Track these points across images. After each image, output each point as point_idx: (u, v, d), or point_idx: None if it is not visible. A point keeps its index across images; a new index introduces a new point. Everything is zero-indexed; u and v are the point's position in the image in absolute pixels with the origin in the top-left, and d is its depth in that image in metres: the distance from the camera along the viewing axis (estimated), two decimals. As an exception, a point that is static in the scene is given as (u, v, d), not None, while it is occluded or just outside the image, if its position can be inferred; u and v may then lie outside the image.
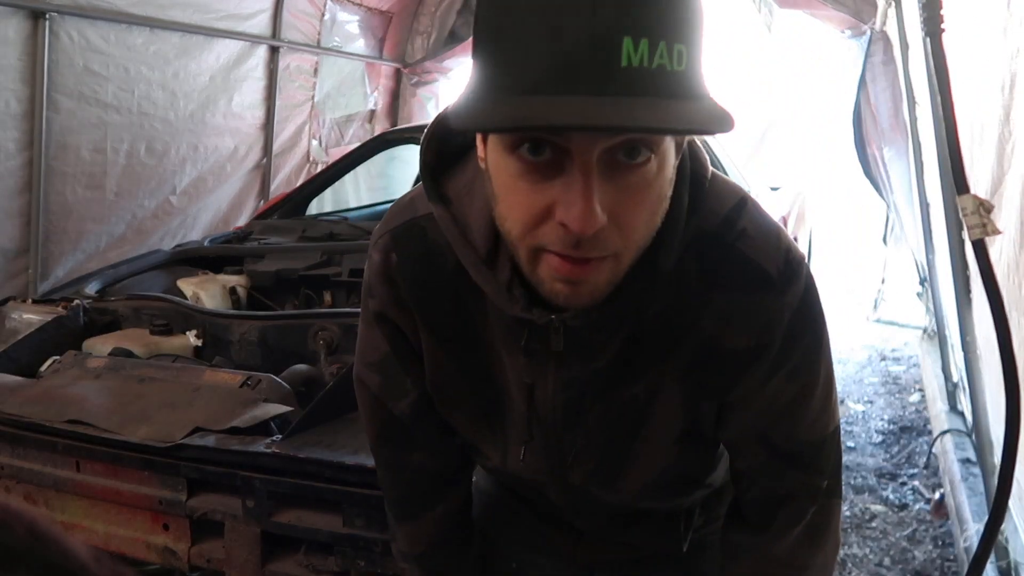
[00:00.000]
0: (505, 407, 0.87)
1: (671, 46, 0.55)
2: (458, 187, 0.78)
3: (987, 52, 1.79)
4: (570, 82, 0.55)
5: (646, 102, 0.55)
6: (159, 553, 1.68)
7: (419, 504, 1.01)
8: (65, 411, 1.71)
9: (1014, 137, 1.68)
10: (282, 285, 2.61)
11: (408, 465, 0.98)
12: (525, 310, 0.72)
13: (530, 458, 0.87)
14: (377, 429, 0.98)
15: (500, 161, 0.64)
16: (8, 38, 2.76)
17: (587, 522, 1.00)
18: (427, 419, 0.94)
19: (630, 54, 0.54)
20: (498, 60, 0.59)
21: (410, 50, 5.69)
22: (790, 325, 0.74)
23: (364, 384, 0.95)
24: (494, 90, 0.59)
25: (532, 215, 0.63)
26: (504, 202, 0.65)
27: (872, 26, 3.25)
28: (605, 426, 0.84)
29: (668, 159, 0.64)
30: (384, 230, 0.86)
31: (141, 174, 3.47)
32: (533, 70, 0.56)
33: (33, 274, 3.03)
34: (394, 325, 0.88)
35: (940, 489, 2.79)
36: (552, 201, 0.61)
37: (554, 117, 0.55)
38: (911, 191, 3.25)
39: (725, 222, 0.75)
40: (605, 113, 0.54)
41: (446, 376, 0.88)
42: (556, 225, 0.61)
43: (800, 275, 0.75)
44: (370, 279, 0.88)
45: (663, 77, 0.55)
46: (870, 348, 4.54)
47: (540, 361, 0.79)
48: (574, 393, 0.81)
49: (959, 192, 1.41)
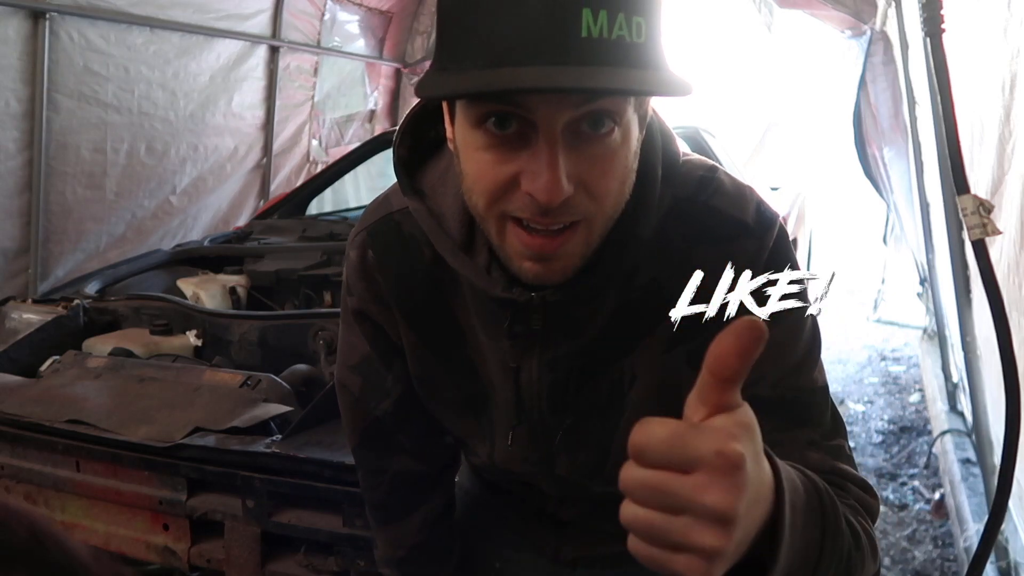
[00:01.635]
0: (489, 398, 0.87)
1: (630, 18, 0.57)
2: (432, 179, 0.79)
3: (987, 52, 1.79)
4: (531, 53, 0.56)
5: (605, 70, 0.57)
6: (159, 553, 1.68)
7: (400, 508, 1.00)
8: (65, 411, 1.71)
9: (1014, 137, 1.68)
10: (282, 285, 2.61)
11: (389, 468, 0.98)
12: (505, 290, 0.73)
13: (517, 446, 0.87)
14: (359, 433, 0.97)
15: (467, 137, 0.65)
16: (8, 38, 2.76)
17: (573, 512, 1.00)
18: (410, 419, 0.94)
19: (589, 25, 0.56)
20: (461, 35, 0.60)
21: (410, 50, 5.69)
22: (767, 264, 0.75)
23: (346, 387, 0.96)
24: (458, 64, 0.60)
25: (498, 185, 0.64)
26: (470, 175, 0.66)
27: (872, 26, 3.25)
28: (592, 409, 0.84)
29: (631, 131, 0.65)
30: (360, 228, 0.87)
31: (141, 174, 3.47)
32: (496, 43, 0.57)
33: (33, 274, 3.02)
34: (374, 323, 0.89)
35: (940, 489, 2.79)
36: (518, 171, 0.63)
37: (514, 82, 0.56)
38: (911, 191, 3.25)
39: (699, 184, 0.77)
40: (564, 78, 0.56)
41: (428, 370, 0.88)
42: (523, 195, 0.63)
43: (775, 223, 0.77)
44: (348, 277, 0.89)
45: (622, 48, 0.57)
46: (870, 348, 4.54)
47: (524, 343, 0.79)
48: (560, 374, 0.81)
49: (959, 192, 1.41)
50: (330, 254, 2.67)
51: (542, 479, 0.93)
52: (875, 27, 3.24)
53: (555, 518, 1.01)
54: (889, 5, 3.01)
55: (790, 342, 0.76)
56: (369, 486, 1.02)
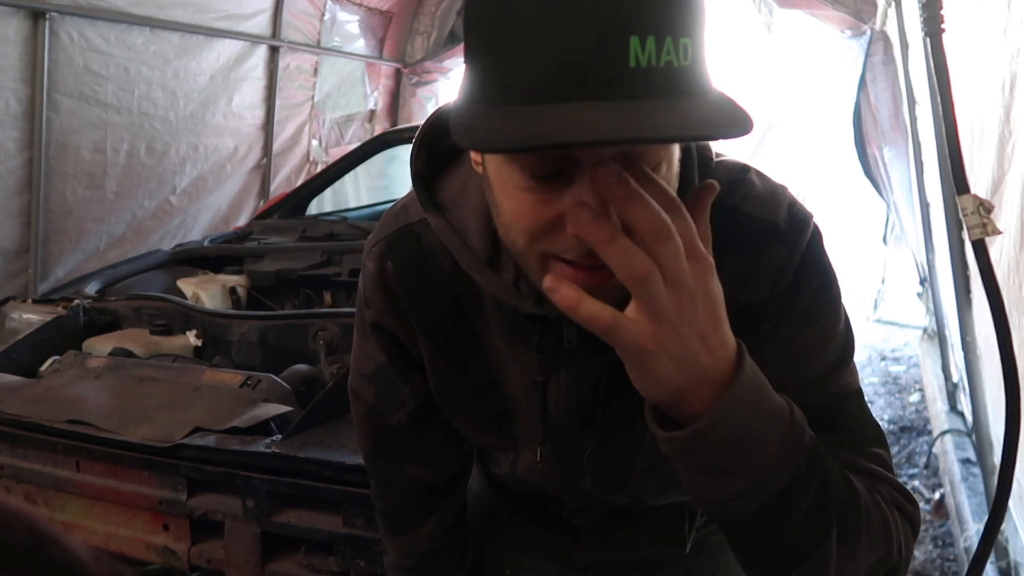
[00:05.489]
0: (511, 414, 0.85)
1: (677, 40, 0.52)
2: (452, 192, 0.76)
3: (987, 52, 1.79)
4: (576, 88, 0.51)
5: (658, 104, 0.52)
6: (159, 553, 1.68)
7: (413, 516, 0.99)
8: (65, 411, 1.71)
9: (1014, 137, 1.68)
10: (282, 285, 2.61)
11: (403, 477, 0.96)
12: (536, 305, 0.71)
13: (545, 462, 0.85)
14: (372, 441, 0.96)
15: (502, 171, 0.61)
16: (8, 38, 2.76)
17: (587, 519, 0.99)
18: (427, 429, 0.92)
19: (638, 53, 0.51)
20: (495, 65, 0.55)
21: (410, 50, 5.69)
22: (799, 268, 0.73)
23: (359, 396, 0.94)
24: (492, 99, 0.55)
25: (540, 226, 0.60)
26: (508, 213, 0.62)
27: (872, 26, 3.25)
28: (621, 423, 0.81)
29: (675, 155, 0.62)
30: (378, 238, 0.84)
31: (141, 174, 3.47)
32: (535, 76, 0.52)
33: (33, 274, 3.02)
34: (391, 335, 0.87)
35: (940, 489, 2.79)
36: (561, 211, 0.58)
37: (567, 133, 0.50)
38: (911, 191, 3.25)
39: (729, 187, 0.74)
40: (619, 123, 0.50)
41: (447, 383, 0.86)
42: (569, 235, 0.57)
43: (808, 225, 0.74)
44: (365, 289, 0.86)
45: (671, 74, 0.52)
46: (870, 348, 4.54)
47: (552, 357, 0.77)
48: (587, 389, 0.79)
49: (959, 192, 1.41)
50: (330, 254, 2.67)
51: (565, 493, 0.91)
52: (875, 27, 3.24)
53: (569, 525, 1.00)
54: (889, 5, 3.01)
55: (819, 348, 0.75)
56: (381, 494, 1.00)
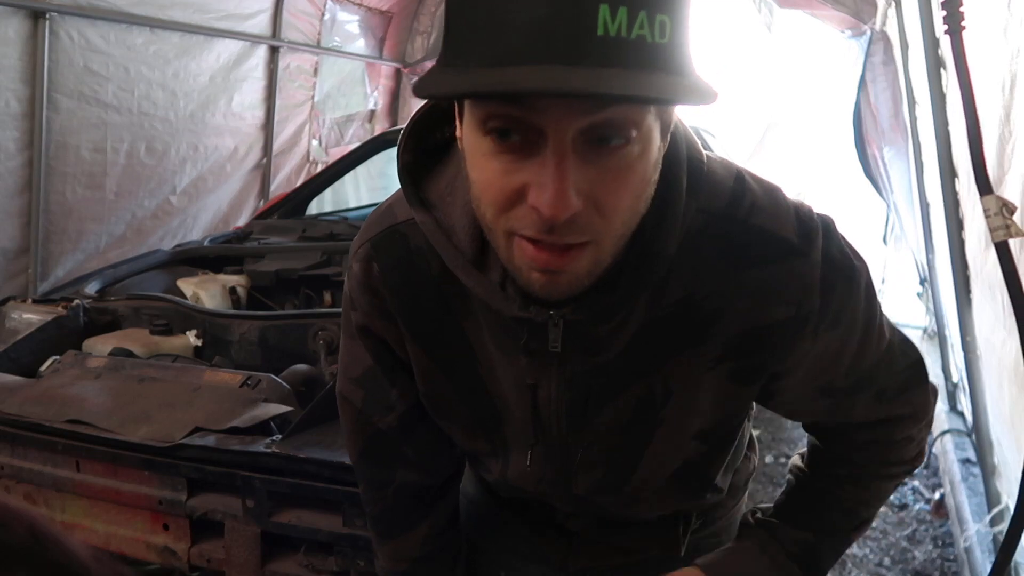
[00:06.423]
0: (501, 417, 0.84)
1: (653, 16, 0.52)
2: (439, 188, 0.74)
3: (987, 52, 1.79)
4: (540, 52, 0.51)
5: (622, 73, 0.52)
6: (159, 553, 1.67)
7: (403, 521, 0.97)
8: (65, 411, 1.71)
9: (1014, 137, 1.68)
10: (282, 285, 2.61)
11: (393, 481, 0.95)
12: (522, 308, 0.70)
13: (535, 465, 0.84)
14: (361, 445, 0.95)
15: (474, 141, 0.61)
16: (8, 38, 2.76)
17: (582, 523, 0.98)
18: (417, 433, 0.91)
19: (607, 22, 0.51)
20: (466, 29, 0.55)
21: (410, 50, 5.69)
22: (823, 279, 0.72)
23: (347, 400, 0.92)
24: (462, 60, 0.55)
25: (505, 196, 0.60)
26: (478, 183, 0.62)
27: (872, 26, 3.25)
28: (616, 427, 0.80)
29: (651, 141, 0.60)
30: (363, 239, 0.82)
31: (141, 174, 3.47)
32: (502, 40, 0.52)
33: (33, 274, 3.02)
34: (378, 338, 0.85)
35: (940, 489, 2.79)
36: (525, 183, 0.58)
37: (518, 83, 0.51)
38: (911, 191, 3.25)
39: (732, 200, 0.72)
40: (574, 80, 0.50)
41: (436, 386, 0.85)
42: (529, 209, 0.58)
43: (816, 230, 0.73)
44: (351, 291, 0.84)
45: (643, 48, 0.52)
46: (870, 348, 4.54)
47: (542, 360, 0.76)
48: (579, 392, 0.78)
49: (982, 193, 1.38)
50: (330, 254, 2.67)
51: (557, 497, 0.90)
52: (875, 27, 3.24)
53: (563, 529, 0.99)
54: (889, 5, 3.01)
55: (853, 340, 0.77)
56: (371, 499, 0.98)
